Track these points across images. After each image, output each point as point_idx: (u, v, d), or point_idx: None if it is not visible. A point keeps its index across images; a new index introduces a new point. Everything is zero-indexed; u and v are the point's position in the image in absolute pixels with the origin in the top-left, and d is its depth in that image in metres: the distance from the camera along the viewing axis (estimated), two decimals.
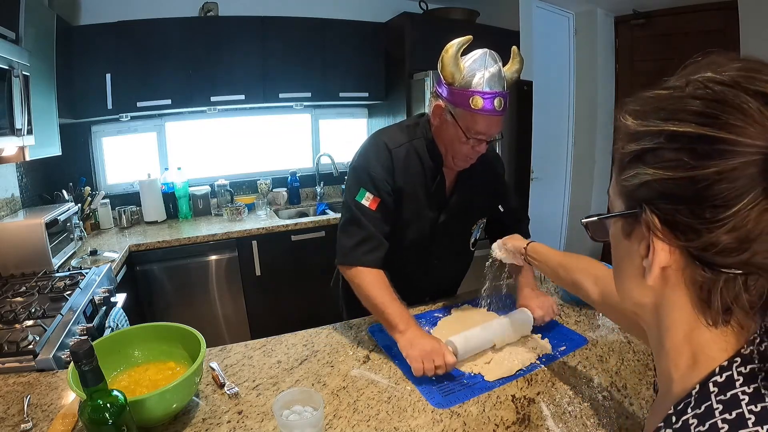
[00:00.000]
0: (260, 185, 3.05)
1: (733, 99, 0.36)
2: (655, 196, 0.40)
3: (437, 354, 0.98)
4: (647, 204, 0.40)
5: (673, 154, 0.38)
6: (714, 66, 0.39)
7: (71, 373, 0.79)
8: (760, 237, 0.35)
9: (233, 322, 2.55)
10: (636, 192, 0.41)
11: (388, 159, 1.20)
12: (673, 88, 0.40)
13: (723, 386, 0.38)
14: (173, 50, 2.46)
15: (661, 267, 0.40)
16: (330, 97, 2.94)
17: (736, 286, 0.38)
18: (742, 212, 0.35)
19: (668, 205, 0.39)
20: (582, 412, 0.87)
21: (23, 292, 1.52)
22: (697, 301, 0.40)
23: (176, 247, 2.33)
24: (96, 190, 2.66)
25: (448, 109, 1.12)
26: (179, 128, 2.93)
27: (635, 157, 0.41)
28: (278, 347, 1.15)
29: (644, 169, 0.40)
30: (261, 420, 0.87)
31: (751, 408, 0.35)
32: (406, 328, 1.06)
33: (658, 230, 0.39)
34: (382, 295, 1.11)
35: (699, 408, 0.38)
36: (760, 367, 0.38)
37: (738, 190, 0.35)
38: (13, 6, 1.61)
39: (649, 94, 0.42)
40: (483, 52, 1.08)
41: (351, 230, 1.19)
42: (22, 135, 1.62)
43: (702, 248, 0.37)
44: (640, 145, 0.40)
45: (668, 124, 0.38)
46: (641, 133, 0.41)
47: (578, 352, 1.09)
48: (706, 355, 0.41)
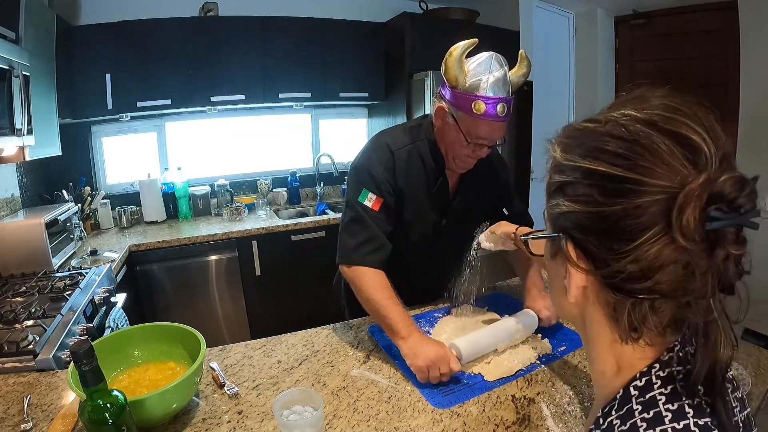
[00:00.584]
0: (260, 185, 3.05)
1: (644, 140, 0.38)
2: (570, 226, 0.43)
3: (442, 361, 0.96)
4: (563, 232, 0.44)
5: (587, 189, 0.41)
6: (637, 102, 0.41)
7: (71, 373, 0.79)
8: (662, 268, 0.38)
9: (233, 322, 2.55)
10: (557, 220, 0.45)
11: (390, 160, 1.20)
12: (596, 123, 0.43)
13: (642, 389, 0.41)
14: (173, 50, 2.46)
15: (579, 287, 0.44)
16: (330, 97, 2.94)
17: (643, 309, 0.41)
18: (645, 245, 0.37)
19: (581, 235, 0.42)
20: (582, 412, 0.87)
21: (23, 292, 1.52)
22: (610, 318, 0.44)
23: (176, 247, 2.33)
24: (96, 190, 2.66)
25: (451, 111, 1.12)
26: (179, 128, 2.93)
27: (558, 188, 0.45)
28: (278, 347, 1.15)
29: (563, 201, 0.43)
30: (261, 420, 0.87)
31: (668, 407, 0.39)
32: (409, 334, 1.03)
33: (572, 257, 0.43)
34: (384, 298, 1.08)
35: (621, 410, 0.41)
36: (678, 370, 0.41)
37: (641, 226, 0.37)
38: (13, 6, 1.61)
39: (578, 126, 0.45)
40: (489, 55, 1.07)
41: (354, 230, 1.17)
42: (22, 135, 1.62)
43: (610, 275, 0.41)
44: (562, 177, 0.44)
45: (585, 160, 0.41)
46: (564, 166, 0.44)
47: (578, 352, 1.09)
48: (627, 364, 0.44)
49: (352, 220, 1.19)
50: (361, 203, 1.17)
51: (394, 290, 1.12)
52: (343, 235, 1.20)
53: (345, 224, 1.21)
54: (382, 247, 1.16)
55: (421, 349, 0.98)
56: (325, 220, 2.65)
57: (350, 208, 1.20)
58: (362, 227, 1.17)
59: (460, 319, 1.26)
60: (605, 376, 0.46)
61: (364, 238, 1.16)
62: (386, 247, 1.17)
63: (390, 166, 1.19)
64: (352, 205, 1.19)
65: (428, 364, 0.96)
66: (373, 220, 1.17)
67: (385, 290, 1.10)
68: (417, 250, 1.30)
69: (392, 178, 1.19)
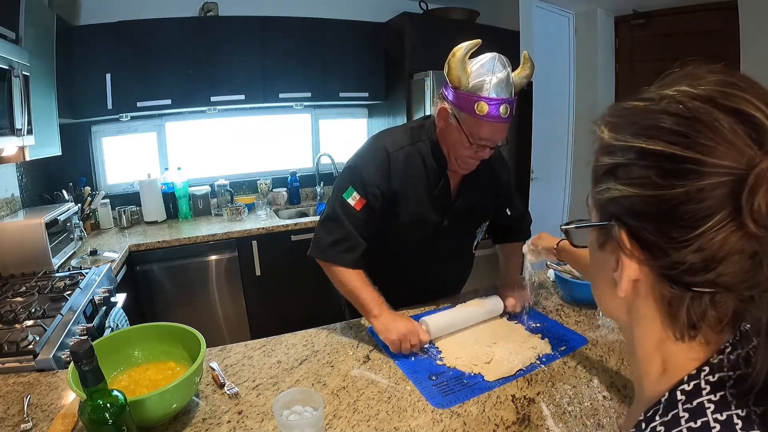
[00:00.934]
0: (260, 185, 3.05)
1: (705, 117, 0.35)
2: (624, 212, 0.39)
3: (413, 334, 1.08)
4: (616, 219, 0.40)
5: (643, 171, 0.37)
6: (691, 79, 0.38)
7: (71, 373, 0.79)
8: (727, 258, 0.35)
9: (233, 322, 2.55)
10: (607, 206, 0.41)
11: (386, 162, 1.20)
12: (648, 101, 0.39)
13: (690, 394, 0.38)
14: (173, 50, 2.46)
15: (631, 280, 0.40)
16: (330, 97, 2.94)
17: (702, 303, 0.37)
18: (709, 233, 0.34)
19: (636, 222, 0.38)
20: (582, 412, 0.87)
21: (23, 292, 1.52)
22: (665, 314, 0.40)
23: (176, 247, 2.33)
24: (96, 190, 2.66)
25: (453, 112, 1.12)
26: (179, 128, 2.93)
27: (608, 171, 0.41)
28: (278, 347, 1.15)
29: (615, 185, 0.40)
30: (261, 420, 0.87)
31: (716, 416, 0.35)
32: (380, 312, 1.13)
33: (626, 246, 0.39)
34: (356, 281, 1.17)
35: (666, 416, 0.38)
36: (729, 376, 0.37)
37: (705, 211, 0.34)
38: (13, 6, 1.61)
39: (626, 105, 0.41)
40: (492, 56, 1.07)
41: (330, 227, 1.21)
42: (22, 135, 1.62)
43: (669, 266, 0.37)
44: (613, 160, 0.40)
45: (639, 140, 0.38)
46: (614, 147, 0.40)
47: (578, 352, 1.09)
48: (675, 364, 0.41)
49: (329, 217, 1.22)
50: (344, 200, 1.19)
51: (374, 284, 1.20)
52: (319, 230, 1.24)
53: (322, 219, 1.25)
54: (356, 247, 1.19)
55: (393, 325, 1.09)
56: None
57: (331, 205, 1.23)
58: (338, 225, 1.20)
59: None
60: (649, 377, 0.43)
61: (340, 236, 1.19)
62: (360, 246, 1.20)
63: (385, 168, 1.19)
64: (333, 200, 1.23)
65: (400, 337, 1.07)
66: (352, 220, 1.19)
67: (357, 275, 1.18)
68: (417, 251, 1.30)
69: (386, 181, 1.19)
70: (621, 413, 0.86)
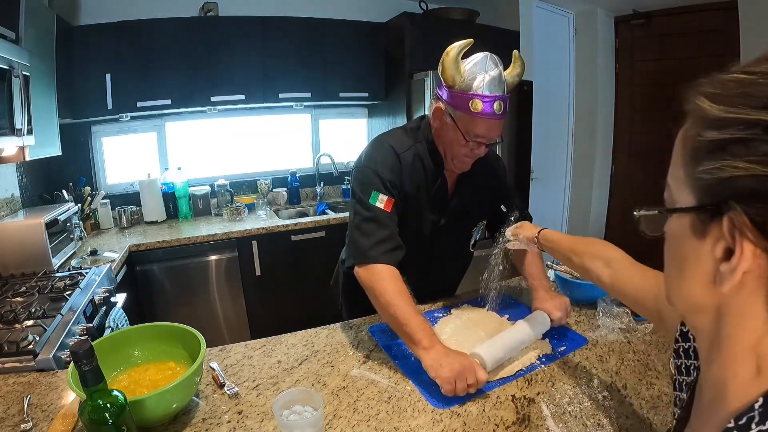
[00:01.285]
0: (260, 185, 3.05)
1: None
2: (746, 193, 0.34)
3: (469, 372, 0.91)
4: (737, 202, 0.35)
5: None
6: None
7: (71, 373, 0.78)
8: None
9: (233, 322, 2.56)
10: (718, 187, 0.36)
11: (397, 163, 1.19)
12: (759, 74, 0.35)
13: None
14: (173, 50, 2.46)
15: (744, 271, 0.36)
16: (330, 97, 2.94)
17: None
18: None
19: (761, 204, 0.34)
20: (582, 412, 0.87)
21: (23, 292, 1.52)
22: None
23: (176, 247, 2.33)
24: (96, 190, 2.66)
25: (448, 111, 1.12)
26: (179, 128, 2.93)
27: (718, 147, 0.36)
28: (278, 347, 1.15)
29: (732, 162, 0.35)
30: (261, 420, 0.87)
31: None
32: (431, 344, 0.97)
33: (749, 232, 0.34)
34: (403, 305, 1.03)
35: (764, 424, 0.34)
36: None
37: None
38: (13, 6, 1.61)
39: (728, 78, 0.37)
40: (484, 55, 1.09)
41: (368, 229, 1.13)
42: (22, 135, 1.62)
43: None
44: (726, 134, 0.35)
45: (763, 113, 0.34)
46: (726, 121, 0.36)
47: (578, 352, 1.09)
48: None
49: (365, 219, 1.14)
50: (373, 205, 1.14)
51: (411, 293, 1.08)
52: (355, 235, 1.15)
53: (357, 224, 1.15)
54: (399, 248, 1.14)
55: (446, 360, 0.93)
56: (325, 220, 2.65)
57: (360, 211, 1.16)
58: (377, 226, 1.13)
59: (459, 319, 1.26)
60: (738, 380, 0.38)
61: (381, 237, 1.12)
62: (402, 249, 1.14)
63: (397, 170, 1.18)
64: (363, 207, 1.15)
65: (454, 375, 0.91)
66: (388, 220, 1.15)
67: (404, 297, 1.05)
68: (414, 249, 1.30)
69: (399, 180, 1.19)
70: (621, 413, 0.86)
